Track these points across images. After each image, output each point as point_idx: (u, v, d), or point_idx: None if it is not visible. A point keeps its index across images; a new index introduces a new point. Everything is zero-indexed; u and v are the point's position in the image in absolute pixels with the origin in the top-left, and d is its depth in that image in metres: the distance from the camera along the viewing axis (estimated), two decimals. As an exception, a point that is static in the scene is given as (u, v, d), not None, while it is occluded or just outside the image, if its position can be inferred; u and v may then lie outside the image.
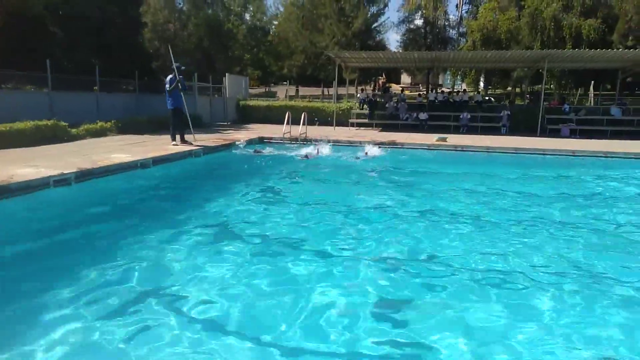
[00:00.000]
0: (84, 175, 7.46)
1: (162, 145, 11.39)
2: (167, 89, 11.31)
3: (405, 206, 6.74)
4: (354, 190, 8.06)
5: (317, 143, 13.23)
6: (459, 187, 8.33)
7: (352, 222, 5.90)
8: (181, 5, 31.77)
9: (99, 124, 13.52)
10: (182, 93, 11.48)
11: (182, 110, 11.63)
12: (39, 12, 16.23)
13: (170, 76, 11.38)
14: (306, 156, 11.52)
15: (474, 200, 7.37)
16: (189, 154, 10.67)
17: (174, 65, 11.24)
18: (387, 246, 4.99)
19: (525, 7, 30.68)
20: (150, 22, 25.95)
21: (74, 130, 12.40)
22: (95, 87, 16.47)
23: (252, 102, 23.11)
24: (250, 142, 13.72)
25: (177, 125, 11.51)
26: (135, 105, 18.82)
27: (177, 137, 11.49)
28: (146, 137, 13.55)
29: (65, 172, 7.19)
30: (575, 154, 12.61)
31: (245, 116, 22.17)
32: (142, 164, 8.93)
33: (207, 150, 11.49)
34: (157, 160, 9.41)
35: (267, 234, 5.31)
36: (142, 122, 15.48)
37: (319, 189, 8.27)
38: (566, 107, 19.81)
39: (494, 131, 18.59)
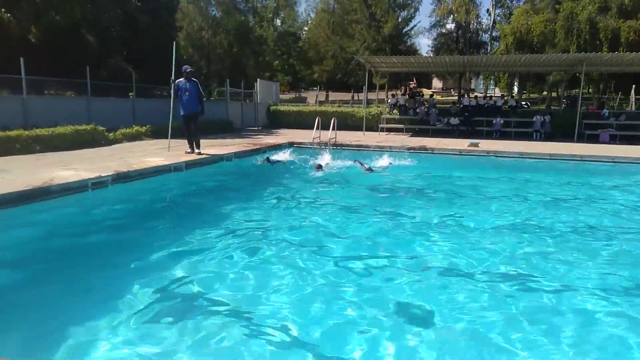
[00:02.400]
0: (120, 178, 7.69)
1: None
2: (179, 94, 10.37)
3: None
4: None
5: (320, 155, 11.59)
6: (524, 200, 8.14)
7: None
8: (214, 12, 32.52)
9: (135, 128, 13.94)
10: (197, 99, 10.44)
11: (193, 116, 10.49)
12: (75, 22, 16.88)
13: (179, 80, 10.37)
14: (319, 167, 10.13)
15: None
16: (220, 158, 10.85)
17: (186, 68, 10.42)
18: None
19: (561, 10, 29.90)
20: (185, 29, 26.67)
21: (111, 135, 12.82)
22: (132, 93, 17.00)
23: (283, 108, 23.34)
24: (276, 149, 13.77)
25: (190, 133, 10.61)
26: (169, 110, 19.27)
27: (194, 144, 10.67)
28: (180, 141, 13.83)
29: (102, 175, 7.43)
30: (615, 161, 12.14)
31: (275, 121, 22.41)
32: (175, 168, 9.14)
33: (239, 154, 11.65)
34: (190, 164, 9.60)
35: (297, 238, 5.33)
36: (177, 127, 15.82)
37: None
38: (605, 112, 19.14)
39: (528, 137, 18.13)
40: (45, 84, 16.04)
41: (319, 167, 10.04)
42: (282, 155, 11.94)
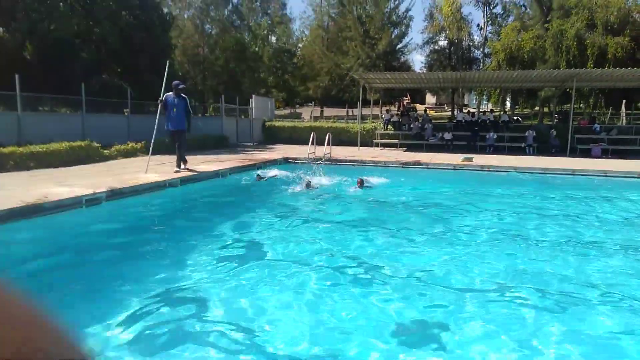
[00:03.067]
0: (114, 195, 7.66)
1: (190, 165, 11.61)
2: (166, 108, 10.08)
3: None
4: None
5: (311, 172, 11.12)
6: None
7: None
8: (210, 30, 32.83)
9: (130, 144, 13.93)
10: (185, 115, 10.23)
11: (178, 133, 10.28)
12: (70, 37, 16.96)
13: (168, 94, 10.10)
14: (308, 184, 9.76)
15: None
16: (215, 174, 10.85)
17: (177, 84, 10.15)
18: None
19: (550, 27, 30.48)
20: (181, 45, 26.87)
21: (105, 151, 12.81)
22: (127, 110, 17.03)
23: (278, 123, 23.44)
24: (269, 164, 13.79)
25: (178, 148, 10.30)
26: (161, 126, 19.31)
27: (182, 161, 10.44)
28: (175, 157, 13.84)
29: (97, 191, 7.40)
30: (607, 175, 12.25)
31: (271, 137, 22.47)
32: (170, 184, 9.12)
33: (234, 170, 11.66)
34: (185, 180, 9.59)
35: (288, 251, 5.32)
36: (159, 141, 15.85)
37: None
38: (597, 126, 19.37)
39: (521, 151, 18.28)
40: (40, 100, 16.03)
41: (308, 184, 9.71)
42: (273, 172, 11.85)
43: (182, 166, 10.32)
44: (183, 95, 10.24)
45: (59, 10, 16.31)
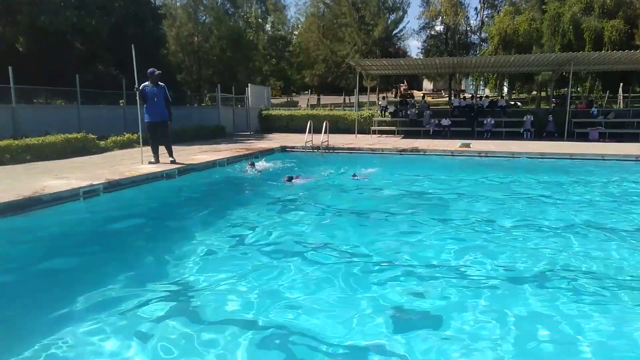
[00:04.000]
0: (112, 186, 7.64)
1: (187, 155, 11.59)
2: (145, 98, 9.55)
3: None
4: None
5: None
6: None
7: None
8: (204, 18, 32.50)
9: (126, 136, 13.86)
10: (165, 103, 9.68)
11: (161, 124, 9.74)
12: (62, 27, 16.73)
13: (145, 84, 9.55)
14: (290, 178, 9.14)
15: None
16: (212, 164, 10.82)
17: (153, 71, 9.54)
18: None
19: (547, 10, 30.27)
20: (175, 35, 26.61)
21: (102, 143, 12.75)
22: (122, 101, 16.92)
23: (275, 112, 23.34)
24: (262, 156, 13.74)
25: (156, 141, 9.87)
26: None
27: (167, 154, 10.00)
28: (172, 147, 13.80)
29: (94, 183, 7.38)
30: (605, 159, 12.28)
31: (267, 126, 22.39)
32: (167, 175, 9.10)
33: (231, 159, 11.63)
34: (182, 171, 9.57)
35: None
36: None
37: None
38: (594, 110, 19.35)
39: (519, 136, 18.29)
40: (35, 93, 15.91)
41: (289, 178, 9.08)
42: (265, 164, 11.45)
43: (170, 158, 9.89)
44: (161, 84, 9.66)
45: (52, 3, 16.06)
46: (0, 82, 12.68)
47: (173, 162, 9.79)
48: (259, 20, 42.05)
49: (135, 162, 10.09)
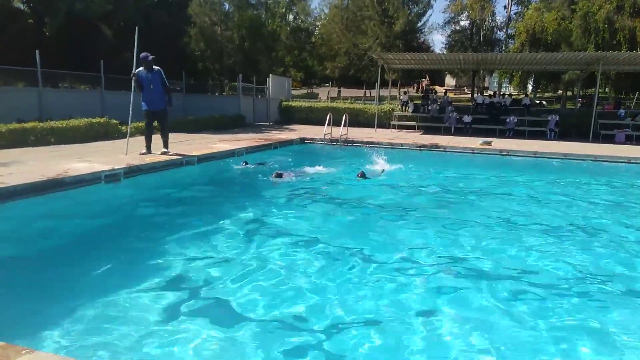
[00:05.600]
0: (132, 171, 7.75)
1: (207, 143, 11.69)
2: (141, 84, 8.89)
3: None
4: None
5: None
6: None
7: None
8: (227, 8, 32.54)
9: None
10: (164, 91, 9.05)
11: (158, 113, 9.14)
12: (96, 15, 16.99)
13: (139, 69, 8.86)
14: (279, 175, 8.46)
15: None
16: (232, 153, 10.87)
17: (146, 56, 8.79)
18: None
19: (577, 9, 29.44)
20: (198, 24, 26.73)
21: (123, 128, 12.90)
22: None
23: (295, 103, 23.31)
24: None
25: (150, 131, 9.28)
26: (182, 105, 19.42)
27: (164, 145, 9.37)
28: (192, 135, 13.95)
29: (115, 167, 7.49)
30: (631, 162, 11.95)
31: (287, 117, 22.38)
32: (187, 162, 9.18)
33: (250, 149, 11.67)
34: (202, 158, 9.64)
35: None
36: (189, 121, 15.95)
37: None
38: (622, 111, 18.83)
39: (542, 136, 17.92)
40: (60, 77, 16.19)
41: (279, 175, 8.43)
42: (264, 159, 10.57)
43: (164, 149, 9.25)
44: (156, 68, 8.87)
45: None
46: (27, 66, 12.95)
47: (165, 153, 9.07)
48: (283, 10, 41.99)
49: (156, 148, 10.18)
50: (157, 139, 9.37)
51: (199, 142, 12.26)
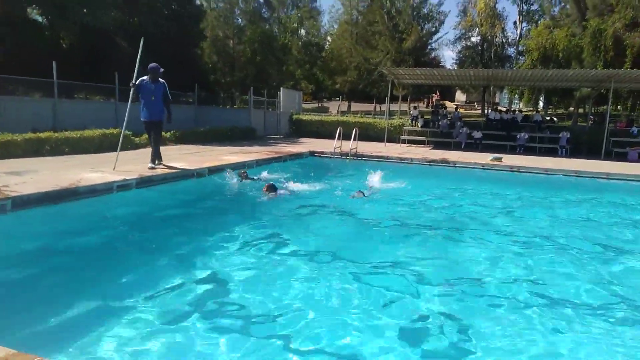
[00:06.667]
0: (144, 182, 7.82)
1: (217, 155, 11.78)
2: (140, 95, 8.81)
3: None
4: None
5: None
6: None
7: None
8: (239, 21, 33.04)
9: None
10: (164, 104, 9.00)
11: (155, 124, 9.07)
12: (108, 26, 17.30)
13: (143, 78, 8.79)
14: (272, 187, 8.01)
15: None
16: (242, 165, 10.93)
17: (155, 67, 8.78)
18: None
19: (588, 26, 29.43)
20: (210, 37, 27.14)
21: (136, 139, 13.06)
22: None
23: (305, 117, 23.45)
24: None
25: (154, 142, 9.13)
26: (194, 116, 19.62)
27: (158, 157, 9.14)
28: (203, 147, 14.08)
29: (127, 178, 7.57)
30: (644, 180, 11.81)
31: (297, 130, 22.51)
32: (198, 173, 9.25)
33: (261, 162, 11.73)
34: (213, 170, 9.71)
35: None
36: (200, 133, 16.10)
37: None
38: (634, 129, 18.66)
39: (553, 153, 17.80)
40: (75, 88, 16.47)
41: (271, 188, 7.97)
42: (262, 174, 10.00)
43: (157, 162, 9.02)
44: (162, 81, 8.89)
45: (101, 2, 16.57)
46: (44, 76, 13.21)
47: (151, 168, 8.69)
48: (294, 25, 42.50)
49: (168, 159, 10.29)
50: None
51: (210, 154, 12.37)
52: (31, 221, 5.66)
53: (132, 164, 9.28)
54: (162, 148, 10.02)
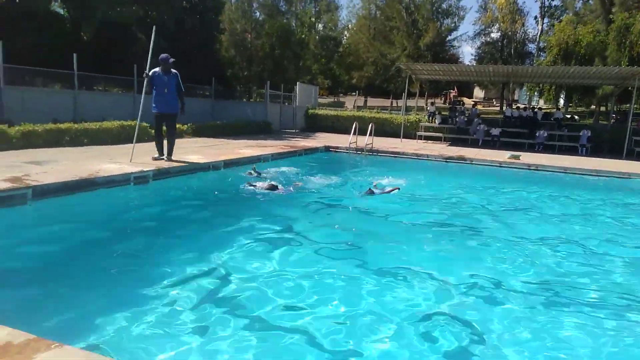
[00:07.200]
0: (161, 174, 7.90)
1: (233, 149, 11.84)
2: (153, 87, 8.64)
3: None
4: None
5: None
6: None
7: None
8: (257, 15, 33.04)
9: (177, 126, 14.27)
10: (177, 95, 8.84)
11: (168, 116, 8.90)
12: (128, 21, 17.48)
13: (155, 70, 8.65)
14: (273, 187, 7.74)
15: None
16: (258, 159, 10.97)
17: (166, 58, 8.56)
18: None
19: (614, 21, 28.67)
20: (228, 31, 27.21)
21: (152, 131, 13.17)
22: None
23: (321, 111, 23.41)
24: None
25: (160, 135, 8.96)
26: (210, 110, 19.75)
27: (165, 149, 8.95)
28: (220, 140, 14.17)
29: (145, 169, 7.66)
30: (668, 180, 11.52)
31: (313, 125, 22.49)
32: (213, 166, 9.32)
33: (276, 156, 11.75)
34: (229, 163, 9.76)
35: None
36: (217, 126, 16.20)
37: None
38: (658, 128, 18.21)
39: (573, 151, 17.47)
40: (95, 80, 16.69)
41: (272, 187, 7.73)
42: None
43: (168, 155, 8.86)
44: (174, 71, 8.70)
45: None
46: (63, 68, 13.42)
47: (169, 159, 8.70)
48: (311, 19, 42.35)
49: (184, 152, 10.38)
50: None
51: (226, 147, 12.44)
52: (51, 210, 5.76)
53: (149, 155, 9.35)
54: (179, 141, 10.07)
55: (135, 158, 8.48)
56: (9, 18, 15.14)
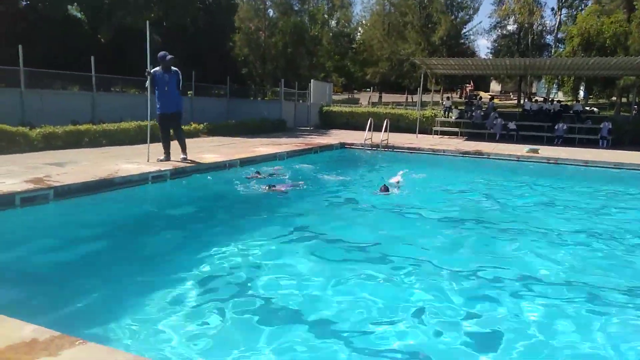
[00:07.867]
0: (178, 173, 7.99)
1: (249, 147, 11.89)
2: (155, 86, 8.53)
3: None
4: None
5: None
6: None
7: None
8: (271, 13, 33.06)
9: (192, 125, 14.42)
10: (179, 94, 8.74)
11: (172, 116, 8.72)
12: (143, 26, 17.72)
13: (155, 69, 8.52)
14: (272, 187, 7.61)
15: None
16: (273, 156, 11.00)
17: (164, 55, 8.50)
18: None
19: (637, 8, 27.93)
20: (242, 29, 27.30)
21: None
22: (190, 92, 17.62)
23: (335, 108, 23.36)
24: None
25: (167, 136, 8.78)
26: (226, 109, 19.87)
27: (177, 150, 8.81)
28: (235, 139, 14.25)
29: (162, 169, 7.74)
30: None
31: (328, 122, 22.46)
32: (229, 164, 9.37)
33: (291, 153, 11.76)
34: (244, 162, 9.81)
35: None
36: (232, 125, 16.30)
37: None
38: (682, 119, 17.74)
39: (593, 144, 17.10)
40: (112, 82, 16.94)
41: (271, 187, 7.61)
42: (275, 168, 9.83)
43: (182, 155, 8.70)
44: (174, 69, 8.53)
45: (134, 3, 16.95)
46: (81, 70, 13.64)
47: (184, 159, 8.56)
48: (325, 16, 42.17)
49: (200, 151, 10.47)
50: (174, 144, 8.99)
51: (241, 145, 12.50)
52: (73, 209, 5.87)
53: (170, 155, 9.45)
54: (195, 140, 10.12)
55: (152, 157, 8.57)
56: (28, 23, 15.45)
